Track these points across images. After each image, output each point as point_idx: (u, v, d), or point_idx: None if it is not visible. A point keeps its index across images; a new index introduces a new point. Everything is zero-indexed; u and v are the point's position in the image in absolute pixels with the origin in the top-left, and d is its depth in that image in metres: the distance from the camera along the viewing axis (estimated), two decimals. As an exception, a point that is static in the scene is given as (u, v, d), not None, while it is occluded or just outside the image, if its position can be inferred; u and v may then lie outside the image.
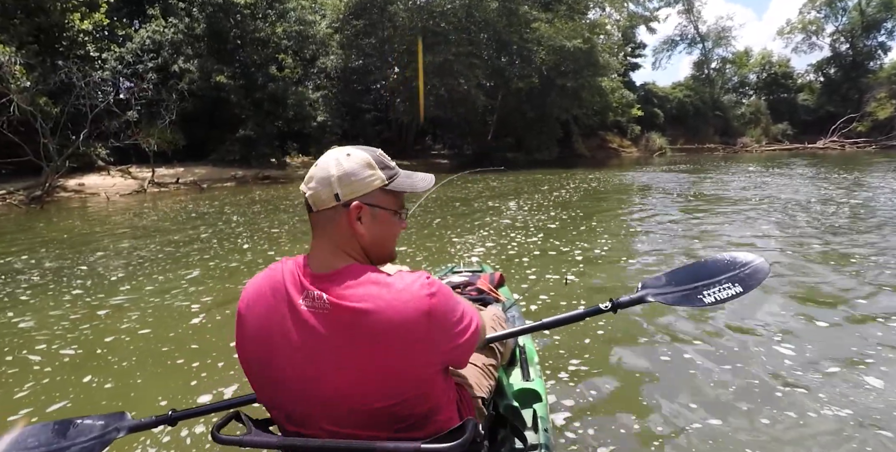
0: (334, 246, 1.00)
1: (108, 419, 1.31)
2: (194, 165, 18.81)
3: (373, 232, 1.01)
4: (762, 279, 1.28)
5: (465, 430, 0.91)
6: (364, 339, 0.92)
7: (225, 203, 11.71)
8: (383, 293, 0.93)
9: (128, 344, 3.10)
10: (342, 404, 0.96)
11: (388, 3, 23.26)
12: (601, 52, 27.09)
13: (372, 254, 1.04)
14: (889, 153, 28.92)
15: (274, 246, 6.06)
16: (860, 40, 42.44)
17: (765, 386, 2.32)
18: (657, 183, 14.53)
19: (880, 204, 8.33)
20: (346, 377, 0.94)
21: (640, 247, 5.75)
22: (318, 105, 22.66)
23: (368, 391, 0.94)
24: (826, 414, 2.09)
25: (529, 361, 1.81)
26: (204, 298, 3.94)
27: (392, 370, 0.93)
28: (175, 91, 17.86)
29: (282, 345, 0.97)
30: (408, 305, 0.92)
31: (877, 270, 4.29)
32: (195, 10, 19.10)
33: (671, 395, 2.27)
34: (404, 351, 0.93)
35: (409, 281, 0.95)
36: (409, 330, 0.92)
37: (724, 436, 1.96)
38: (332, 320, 0.93)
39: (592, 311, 1.33)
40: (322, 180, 0.99)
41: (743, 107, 43.02)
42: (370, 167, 1.01)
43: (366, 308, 0.92)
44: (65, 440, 1.26)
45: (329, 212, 1.00)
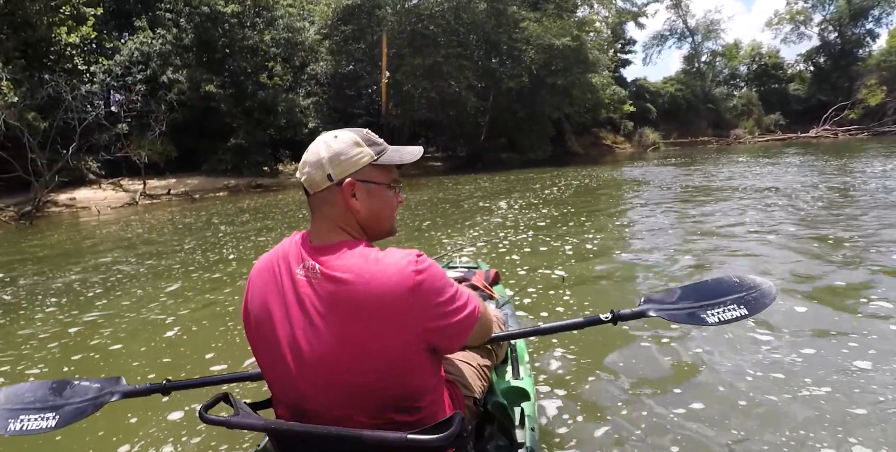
0: (332, 224, 1.05)
1: (104, 382, 1.36)
2: (186, 176, 18.78)
3: (369, 206, 1.06)
4: (769, 303, 1.26)
5: (451, 423, 0.91)
6: (345, 309, 0.95)
7: (213, 213, 11.65)
8: (370, 265, 0.96)
9: (96, 362, 3.04)
10: (324, 375, 0.98)
11: (375, 8, 23.26)
12: (591, 49, 27.09)
13: (370, 230, 1.09)
14: (882, 139, 28.99)
15: (260, 254, 5.96)
16: (848, 28, 42.48)
17: (758, 385, 2.31)
18: (650, 177, 14.53)
19: (869, 189, 8.41)
20: (326, 345, 0.96)
21: (632, 241, 5.78)
22: (310, 111, 22.66)
23: (347, 362, 0.96)
24: (826, 409, 2.06)
25: (520, 360, 1.81)
26: (181, 311, 3.88)
27: (369, 343, 0.95)
28: (164, 102, 17.83)
29: (278, 311, 1.02)
30: (391, 279, 0.94)
31: (859, 251, 4.41)
32: (183, 21, 19.09)
33: (659, 396, 2.28)
34: (381, 324, 0.94)
35: (398, 256, 0.98)
36: (387, 304, 0.93)
37: (711, 439, 1.95)
38: (321, 289, 0.97)
39: (592, 321, 1.34)
40: (314, 163, 1.04)
41: (735, 100, 43.00)
42: (357, 145, 1.06)
43: (349, 278, 0.95)
44: (60, 398, 1.30)
45: (324, 193, 1.05)
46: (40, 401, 1.29)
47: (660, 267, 4.39)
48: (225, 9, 19.02)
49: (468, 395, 1.31)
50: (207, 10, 18.82)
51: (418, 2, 24.32)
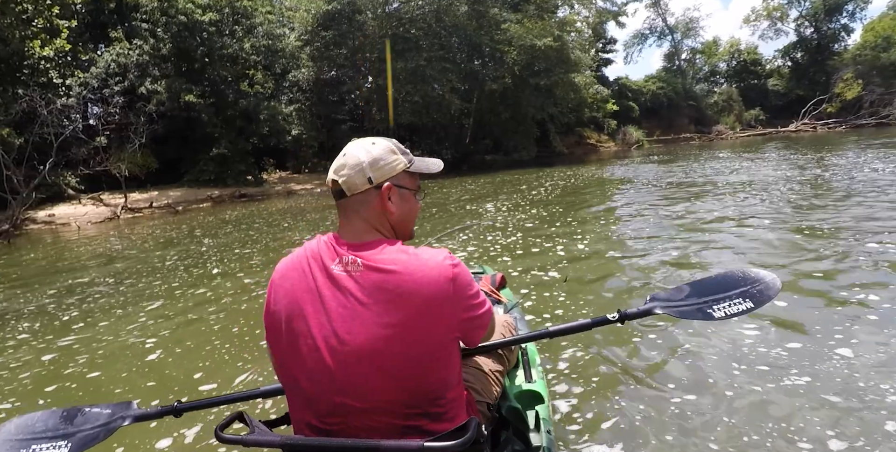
0: (366, 224, 1.11)
1: (114, 408, 1.35)
2: (168, 188, 18.49)
3: (401, 209, 1.14)
4: (773, 295, 1.29)
5: (467, 429, 0.93)
6: (390, 297, 1.00)
7: (195, 225, 11.36)
8: (411, 259, 1.03)
9: (74, 391, 2.85)
10: (367, 363, 1.01)
11: (356, 13, 23.16)
12: (572, 49, 27.23)
13: (399, 231, 1.16)
14: (859, 132, 29.48)
15: (245, 268, 5.79)
16: (824, 24, 43.25)
17: (779, 388, 2.23)
18: (636, 175, 14.63)
19: (848, 181, 8.55)
20: (372, 333, 1.00)
21: (623, 240, 5.77)
22: (292, 119, 22.46)
23: (392, 347, 1.00)
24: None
25: (531, 363, 1.82)
26: (162, 332, 3.69)
27: (413, 329, 1.00)
28: (144, 113, 17.54)
29: (311, 308, 1.05)
30: (433, 270, 1.02)
31: (839, 242, 4.54)
32: (160, 31, 18.81)
33: (671, 394, 2.25)
34: (425, 311, 1.00)
35: (434, 252, 1.06)
36: (433, 293, 1.00)
37: (729, 440, 1.93)
38: (364, 280, 1.02)
39: (600, 321, 1.35)
40: (354, 167, 1.10)
41: (715, 96, 43.50)
42: (393, 152, 1.14)
43: (396, 269, 1.01)
44: (71, 426, 1.30)
45: (362, 196, 1.11)
46: (51, 430, 1.30)
47: (652, 264, 4.43)
48: (203, 17, 18.79)
49: (482, 401, 1.33)
50: (185, 19, 18.55)
51: (399, 6, 24.27)
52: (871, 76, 36.88)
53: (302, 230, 8.90)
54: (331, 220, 9.96)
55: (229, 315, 3.98)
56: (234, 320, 3.82)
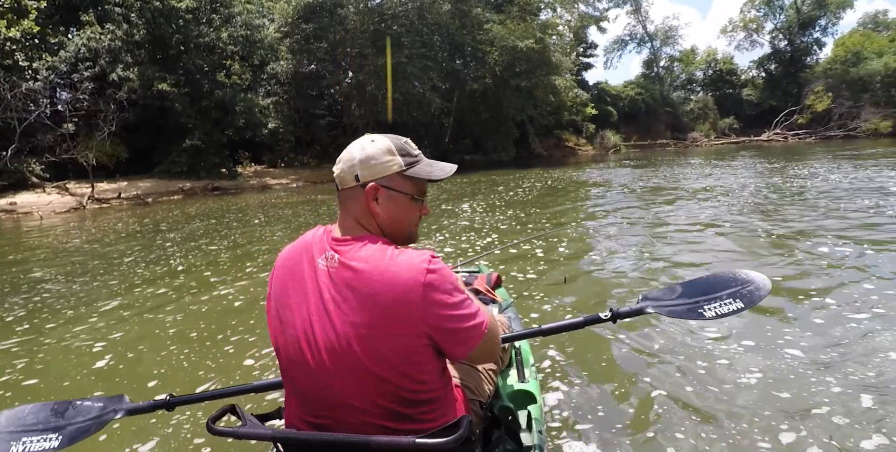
0: (355, 220, 1.10)
1: (106, 401, 1.34)
2: (139, 178, 17.98)
3: (388, 212, 1.10)
4: (763, 296, 1.31)
5: (459, 427, 0.92)
6: (358, 296, 0.99)
7: (162, 218, 11.00)
8: (386, 259, 1.00)
9: (7, 401, 2.64)
10: (337, 361, 1.01)
11: (337, 6, 22.84)
12: (553, 51, 27.39)
13: (388, 234, 1.12)
14: (827, 143, 30.40)
15: (211, 264, 5.61)
16: (797, 37, 44.41)
17: (764, 388, 2.31)
18: (611, 178, 14.89)
19: (813, 190, 8.94)
20: (340, 331, 1.00)
21: (597, 239, 5.95)
22: (269, 112, 22.07)
23: (358, 347, 0.99)
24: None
25: (525, 362, 1.83)
26: (114, 334, 3.50)
27: (378, 330, 0.98)
28: (114, 101, 17.01)
29: (296, 300, 1.06)
30: (404, 273, 0.98)
31: (791, 241, 5.04)
32: (134, 16, 18.24)
33: (666, 397, 2.27)
34: (391, 313, 0.97)
35: (413, 255, 1.02)
36: (398, 296, 0.97)
37: (718, 438, 1.96)
38: (338, 277, 1.02)
39: (592, 320, 1.36)
40: (347, 162, 1.10)
41: (691, 104, 44.36)
42: (390, 153, 1.10)
43: (365, 268, 1.00)
44: (63, 419, 1.30)
45: (350, 191, 1.10)
46: (42, 423, 1.29)
47: (627, 263, 4.58)
48: (179, 4, 18.29)
49: (475, 399, 1.33)
50: (160, 5, 18.03)
51: (381, 1, 24.04)
52: (841, 89, 38.01)
53: (273, 226, 8.71)
54: (304, 217, 9.80)
55: (189, 316, 3.83)
56: (194, 322, 3.67)
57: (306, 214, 10.26)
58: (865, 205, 7.05)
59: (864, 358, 2.50)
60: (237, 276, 5.03)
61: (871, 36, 40.92)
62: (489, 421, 1.37)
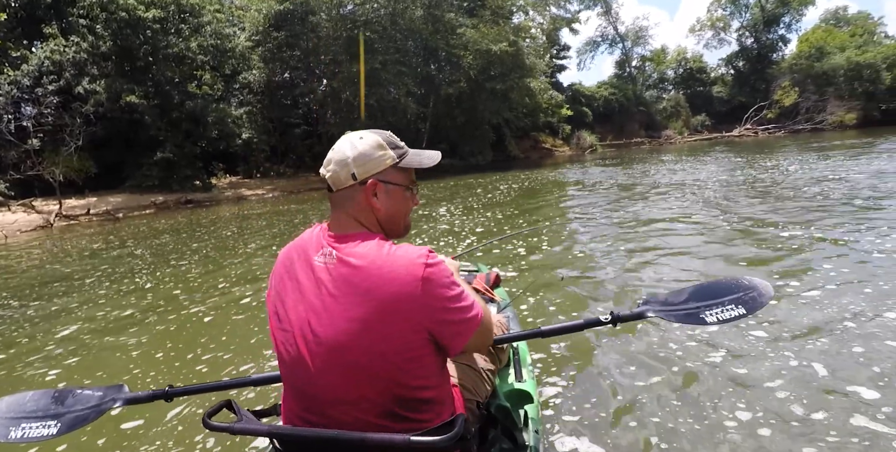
0: (353, 219, 1.09)
1: (106, 390, 1.35)
2: (109, 194, 17.59)
3: (387, 206, 1.11)
4: (766, 302, 1.30)
5: (455, 425, 0.92)
6: (356, 291, 0.99)
7: (131, 234, 10.64)
8: (383, 254, 1.01)
9: None
10: (335, 357, 1.00)
11: (309, 14, 22.69)
12: (527, 54, 27.62)
13: (387, 228, 1.14)
14: (796, 137, 31.13)
15: (180, 282, 5.43)
16: (763, 34, 45.47)
17: (759, 387, 2.31)
18: (587, 178, 15.04)
19: (784, 182, 9.20)
20: (338, 327, 1.00)
21: (577, 238, 6.08)
22: (243, 122, 21.79)
23: (357, 343, 0.99)
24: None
25: (522, 362, 1.83)
26: (69, 361, 3.29)
27: (377, 325, 0.98)
28: (80, 114, 16.62)
29: (293, 297, 1.07)
30: (402, 268, 0.99)
31: (759, 229, 5.32)
32: (99, 28, 17.86)
33: (662, 397, 2.28)
34: (389, 309, 0.97)
35: (411, 250, 1.02)
36: (396, 291, 0.97)
37: (714, 441, 1.96)
38: (336, 272, 1.02)
39: (592, 322, 1.35)
40: (339, 162, 1.08)
41: (664, 102, 45.02)
42: (381, 148, 1.10)
43: (362, 264, 1.00)
44: (62, 406, 1.31)
45: (347, 191, 1.09)
46: (42, 410, 1.30)
47: (621, 263, 4.67)
48: (146, 14, 17.98)
49: (471, 398, 1.33)
50: (126, 16, 17.69)
51: (353, 8, 23.95)
52: (807, 84, 39.00)
53: (247, 238, 8.53)
54: (278, 228, 9.64)
55: (156, 337, 3.68)
56: (160, 343, 3.53)
57: (281, 225, 10.10)
58: (814, 191, 7.60)
59: (869, 356, 2.47)
60: (208, 292, 4.88)
61: (832, 31, 42.14)
62: (486, 420, 1.38)
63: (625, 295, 3.71)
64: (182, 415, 2.32)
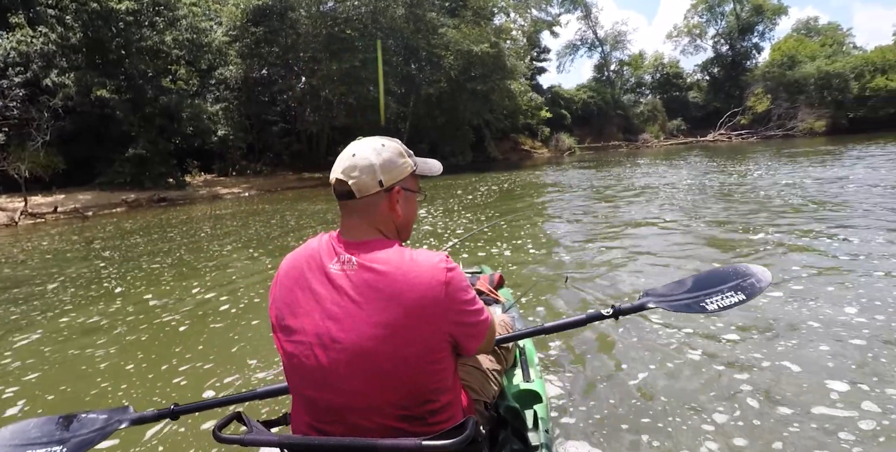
0: (370, 225, 1.09)
1: (110, 413, 1.35)
2: (78, 191, 17.01)
3: (406, 211, 1.14)
4: (765, 287, 1.33)
5: (465, 428, 0.92)
6: (382, 296, 0.99)
7: (100, 234, 10.25)
8: (406, 260, 1.02)
9: None
10: (359, 363, 1.00)
11: (288, 10, 22.32)
12: (508, 56, 27.65)
13: (402, 231, 1.16)
14: (768, 142, 31.92)
15: (152, 286, 5.22)
16: (737, 42, 46.51)
17: (769, 385, 2.33)
18: (566, 179, 15.27)
19: (754, 185, 9.46)
20: (363, 332, 0.99)
21: (558, 236, 6.26)
22: (219, 118, 21.33)
23: (382, 348, 0.99)
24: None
25: (529, 362, 1.83)
26: (30, 376, 3.05)
27: (403, 330, 0.99)
28: (48, 108, 16.03)
29: (307, 306, 1.05)
30: (426, 272, 1.00)
31: (730, 227, 5.63)
32: (69, 18, 17.25)
33: (672, 395, 2.28)
34: (416, 312, 0.99)
35: (430, 255, 1.04)
36: (424, 295, 0.99)
37: (724, 438, 1.95)
38: (357, 279, 1.01)
39: (594, 317, 1.36)
40: (365, 169, 1.07)
41: (641, 106, 45.69)
42: (402, 155, 1.13)
43: (387, 269, 1.00)
44: (67, 432, 1.30)
45: (371, 198, 1.08)
46: (46, 436, 1.30)
47: (590, 261, 4.87)
48: (118, 6, 17.42)
49: (478, 399, 1.34)
50: (98, 7, 17.11)
51: (334, 5, 23.66)
52: (779, 91, 39.98)
53: (222, 240, 8.30)
54: (254, 228, 9.42)
55: (126, 347, 3.49)
56: (130, 356, 3.33)
57: (256, 225, 9.88)
58: (788, 197, 7.83)
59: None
60: (181, 298, 4.71)
61: (804, 41, 43.26)
62: (495, 422, 1.38)
63: (623, 290, 3.82)
64: (190, 430, 2.29)
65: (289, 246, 7.28)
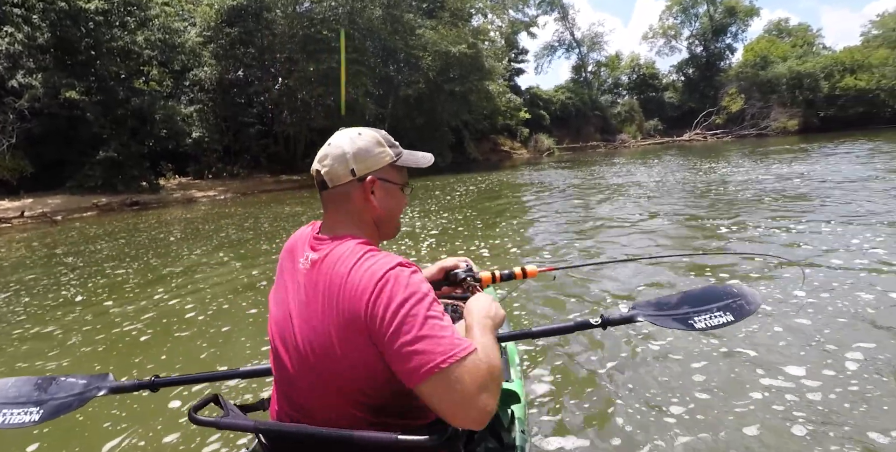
0: (345, 218, 1.06)
1: (90, 379, 1.34)
2: (47, 195, 16.57)
3: (384, 204, 1.07)
4: (753, 310, 1.33)
5: (443, 424, 0.90)
6: (322, 300, 0.96)
7: (66, 239, 9.94)
8: (352, 263, 0.94)
9: None
10: (304, 359, 0.99)
11: (264, 10, 22.06)
12: (486, 57, 27.71)
13: (382, 227, 1.10)
14: (742, 141, 32.56)
15: (114, 293, 5.06)
16: (711, 43, 47.35)
17: (748, 383, 2.37)
18: (544, 179, 15.39)
19: (729, 183, 9.56)
20: (307, 331, 0.98)
21: (536, 235, 6.38)
22: (193, 120, 20.97)
23: (321, 350, 0.95)
24: None
25: (510, 362, 1.84)
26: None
27: (339, 334, 0.93)
28: (13, 110, 15.59)
29: (282, 294, 1.06)
30: (364, 279, 0.91)
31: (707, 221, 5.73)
32: (36, 18, 16.80)
33: (649, 397, 2.30)
34: (346, 321, 0.92)
35: (381, 260, 0.94)
36: (353, 302, 0.91)
37: (702, 438, 1.98)
38: (308, 279, 1.00)
39: (582, 325, 1.35)
40: (337, 157, 1.04)
41: (619, 107, 46.24)
42: (380, 144, 1.08)
43: (329, 272, 0.96)
44: (45, 394, 1.30)
45: (344, 188, 1.05)
46: (24, 396, 1.29)
47: (574, 256, 5.01)
48: (88, 5, 17.03)
49: None
50: (66, 7, 16.71)
51: (310, 6, 23.46)
52: (752, 91, 40.80)
53: (191, 244, 8.14)
54: (225, 232, 9.27)
55: (80, 361, 3.33)
56: (84, 367, 3.19)
57: (229, 229, 9.72)
58: (757, 193, 8.07)
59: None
60: (144, 306, 4.57)
61: (775, 42, 44.25)
62: None
63: (609, 288, 3.90)
64: (168, 407, 2.33)
65: (261, 249, 7.17)
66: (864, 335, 2.74)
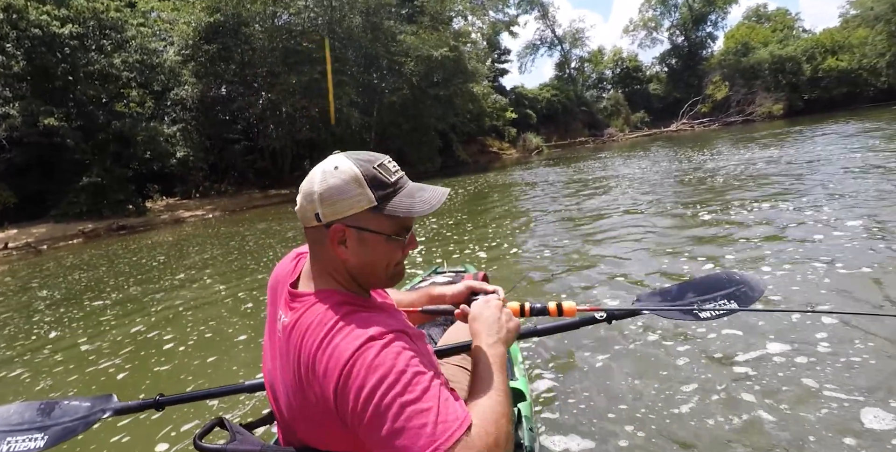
0: (320, 266, 0.93)
1: (94, 401, 1.32)
2: (31, 225, 16.33)
3: (361, 257, 0.90)
4: (757, 297, 1.31)
5: None
6: (295, 374, 0.87)
7: (45, 271, 9.64)
8: (319, 338, 0.83)
9: None
10: (284, 414, 0.95)
11: (242, 25, 21.92)
12: (469, 59, 27.68)
13: (361, 281, 0.94)
14: (729, 129, 32.60)
15: (90, 327, 4.81)
16: (692, 32, 47.49)
17: (756, 388, 2.25)
18: (534, 178, 15.33)
19: (711, 171, 9.54)
20: (283, 395, 0.93)
21: (534, 233, 6.37)
22: (177, 140, 20.79)
23: (294, 414, 0.91)
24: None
25: (514, 360, 1.81)
26: None
27: (311, 413, 0.86)
28: (-8, 141, 15.39)
29: (269, 350, 1.00)
30: (330, 363, 0.79)
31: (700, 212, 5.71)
32: (10, 46, 16.62)
33: (657, 395, 2.25)
34: (320, 410, 0.83)
35: (352, 336, 0.80)
36: (320, 387, 0.81)
37: (707, 438, 1.93)
38: (283, 347, 0.91)
39: (587, 320, 1.33)
40: (306, 196, 0.90)
41: (604, 101, 46.29)
42: (357, 184, 0.88)
43: (299, 345, 0.86)
44: (49, 418, 1.27)
45: (313, 232, 0.91)
46: (28, 422, 1.26)
47: (570, 252, 4.95)
48: (61, 30, 16.85)
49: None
50: (40, 33, 16.53)
51: (289, 18, 23.35)
52: (736, 78, 40.87)
53: (174, 268, 7.95)
54: (210, 253, 9.06)
55: None
56: None
57: (214, 250, 9.52)
58: (746, 178, 8.01)
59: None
60: (121, 341, 4.36)
61: (755, 28, 44.39)
62: None
63: (613, 288, 3.76)
64: (175, 428, 2.27)
65: (247, 267, 6.99)
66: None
